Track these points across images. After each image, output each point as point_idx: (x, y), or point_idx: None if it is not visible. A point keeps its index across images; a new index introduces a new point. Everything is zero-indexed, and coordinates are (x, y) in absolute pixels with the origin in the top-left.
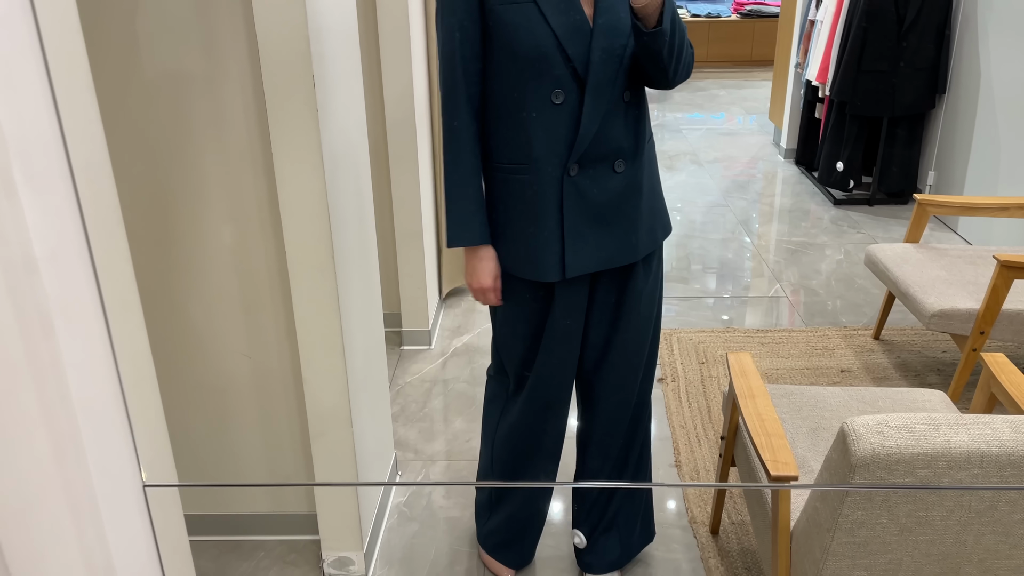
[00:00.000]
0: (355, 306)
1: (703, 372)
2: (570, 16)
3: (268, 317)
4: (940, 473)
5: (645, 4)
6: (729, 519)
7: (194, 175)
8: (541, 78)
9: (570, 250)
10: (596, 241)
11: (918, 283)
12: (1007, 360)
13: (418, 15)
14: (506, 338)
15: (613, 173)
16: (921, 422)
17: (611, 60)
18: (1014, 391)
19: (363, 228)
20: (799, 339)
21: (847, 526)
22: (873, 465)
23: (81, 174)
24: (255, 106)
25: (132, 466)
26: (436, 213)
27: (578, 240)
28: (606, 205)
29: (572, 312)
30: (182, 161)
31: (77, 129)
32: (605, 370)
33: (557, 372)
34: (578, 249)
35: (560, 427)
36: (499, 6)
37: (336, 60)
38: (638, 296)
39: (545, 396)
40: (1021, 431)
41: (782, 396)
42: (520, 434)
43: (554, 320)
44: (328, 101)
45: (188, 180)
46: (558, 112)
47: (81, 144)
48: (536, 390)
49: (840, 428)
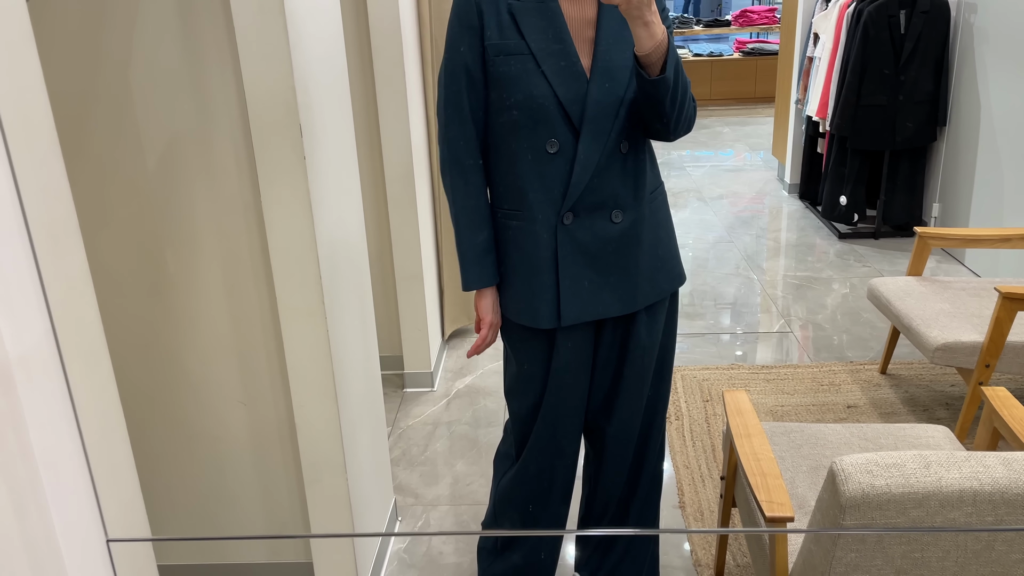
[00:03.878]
0: (350, 350)
1: (707, 410)
2: (567, 67)
3: (262, 364)
4: (932, 512)
5: (649, 52)
6: (734, 561)
7: (186, 224)
8: (536, 127)
9: (566, 298)
10: (593, 290)
11: (921, 317)
12: (1008, 394)
13: (414, 62)
14: (516, 390)
15: (610, 223)
16: (911, 460)
17: (606, 110)
18: (1015, 425)
19: (358, 273)
20: (805, 375)
21: (841, 568)
22: (863, 505)
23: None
24: (245, 155)
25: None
26: (437, 254)
27: (574, 288)
28: (603, 255)
29: (574, 358)
30: (174, 210)
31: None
32: (609, 415)
33: (564, 417)
34: (574, 297)
35: (569, 473)
36: (496, 57)
37: (325, 108)
38: (640, 345)
39: (553, 442)
40: (1014, 468)
41: (782, 434)
42: (529, 480)
43: (557, 365)
44: (316, 149)
45: (180, 229)
46: (552, 161)
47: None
48: (544, 436)
49: (829, 468)
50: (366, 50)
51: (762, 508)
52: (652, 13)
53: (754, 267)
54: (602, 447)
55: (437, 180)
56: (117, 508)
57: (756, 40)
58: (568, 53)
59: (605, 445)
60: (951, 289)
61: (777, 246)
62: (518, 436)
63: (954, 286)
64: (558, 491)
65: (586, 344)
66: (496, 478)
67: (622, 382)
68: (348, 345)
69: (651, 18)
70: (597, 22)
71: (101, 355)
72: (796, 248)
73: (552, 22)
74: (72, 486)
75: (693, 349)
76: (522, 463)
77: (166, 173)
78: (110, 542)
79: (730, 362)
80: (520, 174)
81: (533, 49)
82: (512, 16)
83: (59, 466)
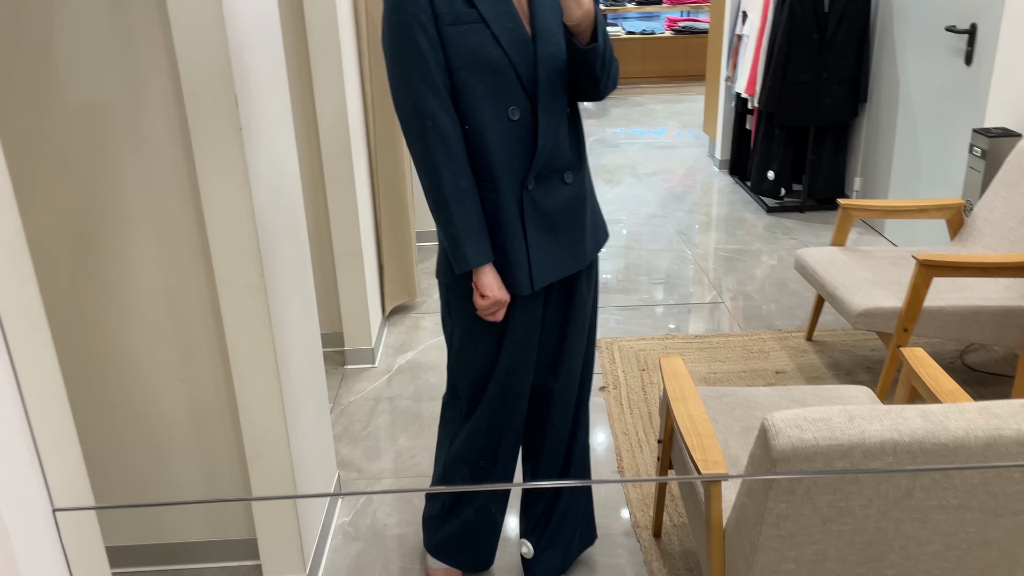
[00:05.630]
0: (291, 326)
1: (644, 379)
2: (517, 34)
3: (200, 340)
4: (856, 463)
5: (579, 22)
6: (671, 521)
7: (119, 200)
8: (497, 96)
9: (536, 262)
10: (553, 251)
11: (844, 284)
12: (925, 354)
13: (349, 35)
14: (467, 355)
15: (563, 184)
16: (836, 414)
17: (556, 75)
18: (932, 383)
19: (297, 247)
20: (736, 343)
21: (773, 519)
22: (793, 458)
23: None
24: (178, 126)
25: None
26: (376, 230)
27: (540, 252)
28: (559, 216)
29: (531, 323)
30: (106, 186)
31: None
32: (556, 372)
33: (518, 376)
34: (541, 261)
35: (519, 431)
36: (449, 27)
37: (261, 79)
38: (584, 302)
39: (507, 400)
40: (931, 419)
41: (715, 398)
42: (479, 442)
43: (514, 332)
44: (253, 121)
45: (113, 205)
46: (515, 128)
47: None
48: (497, 396)
49: (761, 424)
50: (299, 21)
51: (698, 467)
52: None
53: (687, 241)
54: (548, 406)
55: (376, 155)
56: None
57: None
58: (515, 19)
59: (551, 404)
60: (872, 258)
61: (709, 220)
62: (470, 397)
63: (875, 255)
64: (508, 447)
65: (538, 303)
66: (444, 446)
67: (567, 339)
68: (288, 319)
69: None
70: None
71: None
72: (727, 222)
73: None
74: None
75: (629, 321)
76: (474, 423)
77: (95, 145)
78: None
79: (665, 333)
80: (487, 143)
81: (486, 16)
82: None
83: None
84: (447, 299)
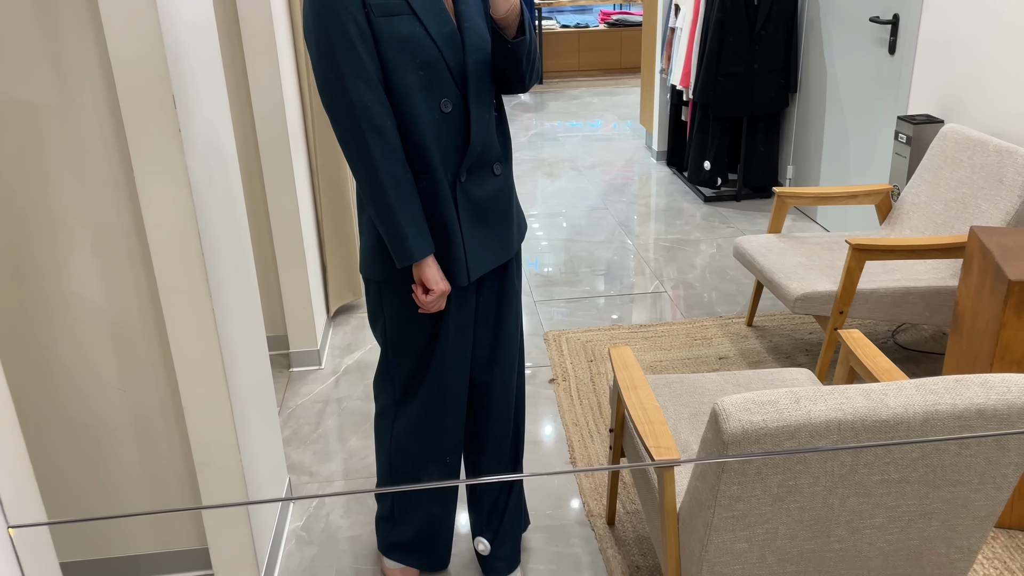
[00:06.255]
0: (235, 330)
1: (592, 370)
2: (445, 26)
3: (142, 347)
4: (804, 443)
5: (505, 15)
6: (624, 509)
7: (52, 205)
8: (430, 88)
9: (471, 253)
10: (485, 242)
11: (782, 270)
12: (861, 335)
13: (284, 28)
14: (402, 350)
15: (492, 176)
16: (783, 397)
17: (484, 67)
18: (869, 363)
19: (239, 249)
20: (680, 331)
21: (725, 501)
22: (743, 440)
23: None
24: (113, 130)
25: None
26: (318, 230)
27: (473, 243)
28: (489, 207)
29: (466, 315)
30: (38, 191)
31: None
32: (493, 366)
33: (455, 373)
34: (474, 251)
35: (459, 430)
36: (381, 18)
37: (198, 78)
38: (514, 291)
39: (445, 397)
40: (872, 398)
41: (664, 385)
42: (420, 439)
43: (448, 325)
44: (192, 121)
45: (45, 211)
46: (447, 121)
47: None
48: (436, 393)
49: (712, 409)
50: (232, 14)
51: (651, 453)
52: None
53: (628, 232)
54: (488, 400)
55: (315, 153)
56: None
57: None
58: (443, 11)
59: (491, 397)
60: (807, 244)
61: (648, 211)
62: (403, 390)
63: (809, 240)
64: (449, 443)
65: (471, 295)
66: (383, 437)
67: (502, 329)
68: (233, 323)
69: None
70: None
71: None
72: (666, 212)
73: None
74: None
75: (575, 313)
76: (413, 419)
77: (24, 149)
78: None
79: (610, 323)
80: (422, 136)
81: (416, 8)
82: None
83: None
84: (379, 296)
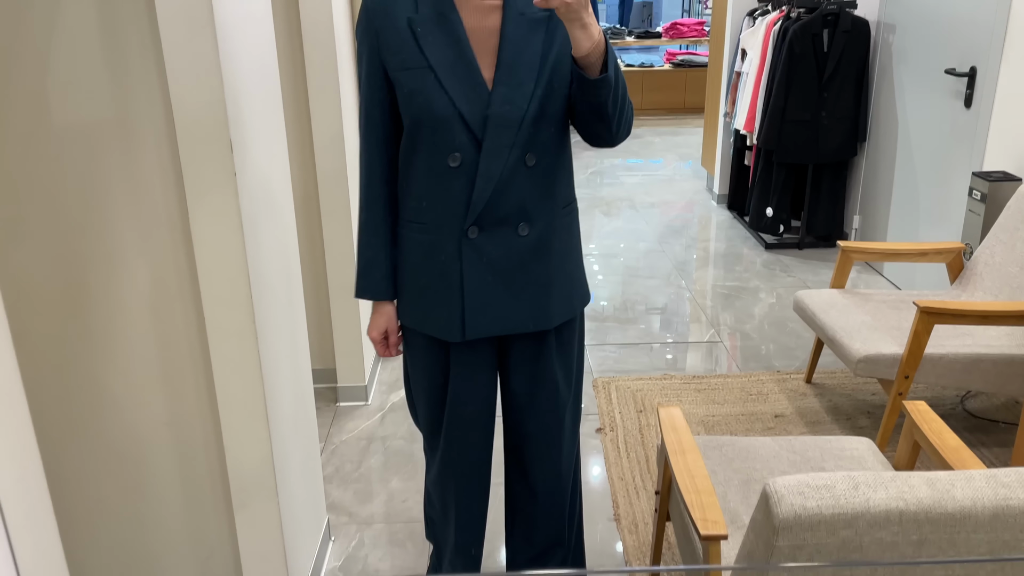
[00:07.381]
0: (281, 369)
1: (641, 420)
2: (468, 80)
3: (189, 385)
4: (861, 532)
5: (588, 53)
6: None
7: (107, 241)
8: (437, 141)
9: (470, 312)
10: (501, 304)
11: (844, 329)
12: (928, 408)
13: (348, 66)
14: (415, 396)
15: (517, 236)
16: (841, 481)
17: (509, 123)
18: (935, 439)
19: (290, 289)
20: (734, 384)
21: None
22: (796, 527)
23: None
24: (172, 171)
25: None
26: None
27: (479, 302)
28: (511, 269)
29: (472, 374)
30: (94, 226)
31: None
32: (528, 442)
33: (465, 435)
34: (478, 311)
35: (477, 495)
36: (397, 72)
37: (256, 121)
38: (551, 365)
39: (459, 458)
40: (937, 488)
41: (714, 448)
42: (445, 495)
43: (454, 380)
44: (248, 164)
45: (102, 247)
46: (455, 174)
47: None
48: (449, 452)
49: (763, 489)
50: (298, 54)
51: (697, 526)
52: (589, 15)
53: (684, 276)
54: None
55: None
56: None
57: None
58: (469, 65)
59: (529, 474)
60: (872, 301)
61: (706, 255)
62: (427, 430)
63: (875, 298)
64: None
65: (483, 355)
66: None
67: (534, 401)
68: (279, 364)
69: (588, 19)
70: (501, 32)
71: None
72: (725, 258)
73: (452, 34)
74: None
75: (626, 359)
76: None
77: (85, 187)
78: None
79: (662, 371)
80: (424, 188)
81: (433, 63)
82: (411, 29)
83: None
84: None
